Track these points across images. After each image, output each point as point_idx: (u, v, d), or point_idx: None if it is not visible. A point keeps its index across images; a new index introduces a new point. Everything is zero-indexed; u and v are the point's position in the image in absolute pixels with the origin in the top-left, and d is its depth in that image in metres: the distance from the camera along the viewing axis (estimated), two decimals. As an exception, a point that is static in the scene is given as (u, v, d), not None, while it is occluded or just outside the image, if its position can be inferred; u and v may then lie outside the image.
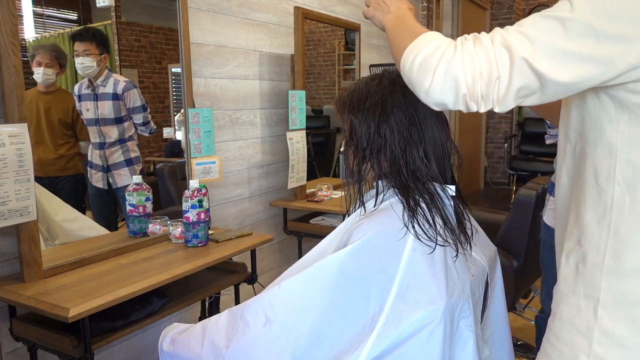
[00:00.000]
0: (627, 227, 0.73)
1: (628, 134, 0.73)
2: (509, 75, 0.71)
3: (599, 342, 0.74)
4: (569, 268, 0.81)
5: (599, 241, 0.76)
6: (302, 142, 2.63)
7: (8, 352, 1.60)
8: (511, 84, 0.71)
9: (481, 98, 0.73)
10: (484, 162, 6.68)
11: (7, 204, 1.40)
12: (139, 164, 2.04)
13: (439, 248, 0.97)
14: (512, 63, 0.70)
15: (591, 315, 0.75)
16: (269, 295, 0.99)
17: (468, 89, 0.73)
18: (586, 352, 0.75)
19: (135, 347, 2.02)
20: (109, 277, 1.54)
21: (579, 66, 0.68)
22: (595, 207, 0.77)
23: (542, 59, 0.69)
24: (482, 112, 0.75)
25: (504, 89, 0.72)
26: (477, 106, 0.74)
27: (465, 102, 0.75)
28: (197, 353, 1.03)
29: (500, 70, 0.71)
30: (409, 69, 0.80)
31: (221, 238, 1.92)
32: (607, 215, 0.75)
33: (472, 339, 0.98)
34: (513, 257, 2.24)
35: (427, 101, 0.79)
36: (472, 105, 0.74)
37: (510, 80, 0.71)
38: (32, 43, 1.74)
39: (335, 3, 3.10)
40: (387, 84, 1.04)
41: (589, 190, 0.78)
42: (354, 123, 1.05)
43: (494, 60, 0.72)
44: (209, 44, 2.25)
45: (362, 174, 1.06)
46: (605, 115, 0.75)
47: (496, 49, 0.72)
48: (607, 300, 0.74)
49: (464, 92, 0.74)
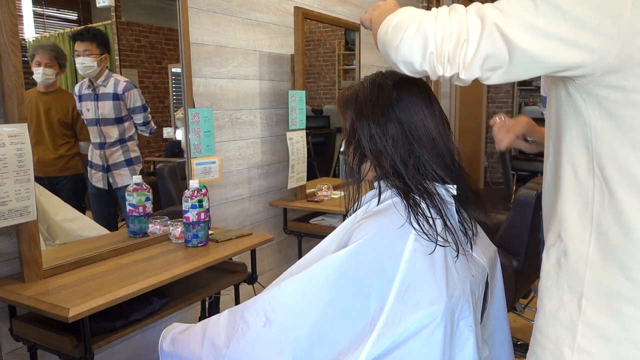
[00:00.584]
0: (609, 220, 0.73)
1: (600, 128, 0.73)
2: (478, 39, 0.71)
3: (583, 335, 0.74)
4: (550, 263, 0.81)
5: (582, 234, 0.76)
6: (302, 142, 2.63)
7: (8, 352, 1.60)
8: (479, 48, 0.71)
9: (447, 60, 0.73)
10: (484, 162, 6.68)
11: (7, 204, 1.40)
12: (139, 164, 2.04)
13: (439, 248, 0.97)
14: (483, 27, 0.71)
15: (575, 308, 0.75)
16: (269, 295, 0.99)
17: (436, 47, 0.73)
18: (570, 346, 0.75)
19: (135, 347, 2.02)
20: (109, 277, 1.54)
21: (546, 43, 0.69)
22: (575, 201, 0.77)
23: (513, 26, 0.69)
24: (447, 76, 0.75)
25: (471, 53, 0.72)
26: (443, 69, 0.74)
27: (432, 62, 0.74)
28: (197, 353, 1.03)
29: (470, 34, 0.72)
30: (384, 33, 0.81)
31: (221, 238, 1.92)
32: (589, 209, 0.75)
33: (472, 339, 0.98)
34: (513, 257, 2.24)
35: (395, 59, 0.79)
36: (438, 67, 0.74)
37: (478, 45, 0.71)
38: (32, 43, 1.74)
39: (335, 3, 3.10)
40: (390, 84, 1.04)
41: (568, 185, 0.78)
42: (355, 122, 1.04)
43: (464, 24, 0.72)
44: (209, 44, 2.25)
45: (362, 173, 1.06)
46: (577, 111, 0.75)
47: (469, 15, 0.73)
48: (591, 292, 0.74)
49: (432, 50, 0.74)
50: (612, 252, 0.73)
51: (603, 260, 0.74)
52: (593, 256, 0.75)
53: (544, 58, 0.70)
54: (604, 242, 0.74)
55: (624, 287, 0.71)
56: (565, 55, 0.69)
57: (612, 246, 0.73)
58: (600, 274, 0.74)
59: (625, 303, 0.71)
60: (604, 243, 0.74)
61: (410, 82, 1.04)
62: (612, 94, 0.70)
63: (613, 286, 0.72)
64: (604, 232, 0.74)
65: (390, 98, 1.02)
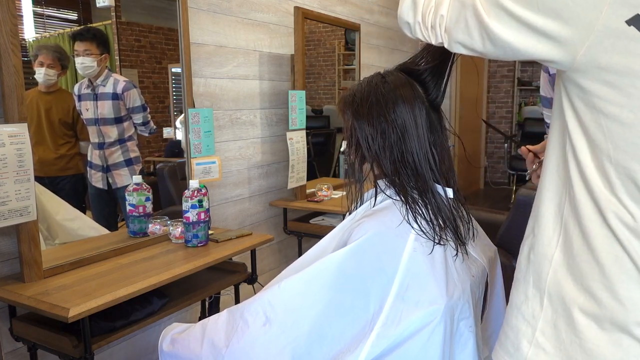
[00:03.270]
0: (573, 223, 0.71)
1: (571, 125, 0.71)
2: (457, 14, 0.75)
3: (542, 332, 0.74)
4: (523, 255, 0.80)
5: (552, 234, 0.75)
6: (302, 142, 2.63)
7: (8, 352, 1.60)
8: (451, 23, 0.76)
9: (430, 29, 0.80)
10: (484, 162, 6.68)
11: (7, 204, 1.40)
12: (138, 164, 2.04)
13: (439, 248, 0.97)
14: (463, 4, 0.74)
15: (537, 304, 0.75)
16: (269, 294, 0.99)
17: (422, 17, 0.81)
18: (529, 339, 0.75)
19: (135, 347, 2.02)
20: (109, 277, 1.54)
21: (518, 31, 0.68)
22: (553, 199, 0.76)
23: (489, 10, 0.70)
24: (435, 44, 0.81)
25: (444, 27, 0.77)
26: (429, 37, 0.81)
27: (420, 30, 0.82)
28: (197, 353, 1.03)
29: (449, 9, 0.77)
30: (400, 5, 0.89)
31: (221, 238, 1.92)
32: (561, 209, 0.74)
33: (472, 340, 0.98)
34: (513, 257, 2.24)
35: (399, 23, 0.87)
36: (425, 34, 0.81)
37: (450, 19, 0.76)
38: (32, 43, 1.74)
39: (335, 3, 3.10)
40: (386, 85, 1.04)
41: (549, 179, 0.77)
42: (355, 123, 1.05)
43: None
44: (209, 44, 2.25)
45: (363, 173, 1.06)
46: (561, 104, 0.74)
47: None
48: (552, 293, 0.73)
49: (419, 19, 0.81)
50: (573, 258, 0.71)
51: (565, 264, 0.72)
52: (557, 258, 0.73)
53: (514, 45, 0.70)
54: (568, 245, 0.72)
55: (578, 295, 0.70)
56: (535, 46, 0.68)
57: (573, 251, 0.71)
58: (561, 277, 0.73)
59: (578, 311, 0.70)
60: (568, 247, 0.72)
61: (406, 83, 1.04)
62: (580, 93, 0.69)
63: (569, 291, 0.71)
64: (569, 235, 0.72)
65: (386, 99, 1.02)
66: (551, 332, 0.73)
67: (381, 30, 3.67)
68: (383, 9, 3.66)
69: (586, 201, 0.70)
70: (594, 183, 0.69)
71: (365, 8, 3.45)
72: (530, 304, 0.76)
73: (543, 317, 0.74)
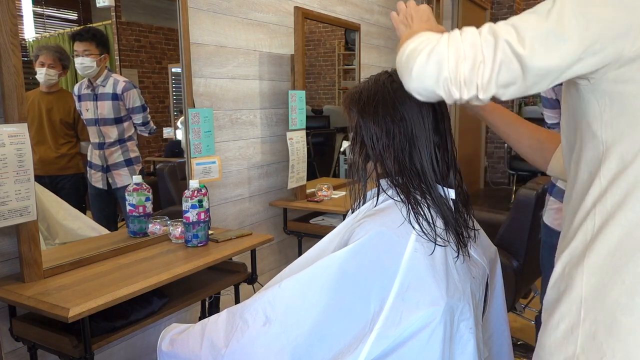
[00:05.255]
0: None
1: (612, 127, 0.73)
2: (493, 58, 0.71)
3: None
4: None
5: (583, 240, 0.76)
6: (302, 142, 2.63)
7: (8, 352, 1.60)
8: (494, 67, 0.71)
9: (464, 83, 0.72)
10: (484, 162, 6.68)
11: (7, 204, 1.40)
12: (138, 164, 2.04)
13: (440, 249, 0.97)
14: (496, 46, 0.70)
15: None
16: (269, 294, 0.99)
17: (450, 72, 0.73)
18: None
19: (135, 347, 2.02)
20: (109, 277, 1.54)
21: (558, 46, 0.68)
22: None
23: (525, 40, 0.69)
24: (465, 99, 0.74)
25: (487, 73, 0.71)
26: (460, 92, 0.73)
27: (447, 86, 0.74)
28: (197, 353, 1.03)
29: (485, 54, 0.71)
30: (400, 58, 0.81)
31: (221, 238, 1.92)
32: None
33: (473, 341, 0.98)
34: (513, 257, 2.24)
35: (409, 86, 0.79)
36: (454, 90, 0.73)
37: (493, 64, 0.71)
38: (32, 43, 1.74)
39: (335, 3, 3.10)
40: (393, 84, 1.03)
41: (581, 188, 0.78)
42: (360, 121, 1.05)
43: (479, 45, 0.71)
44: (209, 44, 2.25)
45: (367, 172, 1.06)
46: (586, 110, 0.76)
47: (482, 35, 0.72)
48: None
49: (445, 75, 0.73)
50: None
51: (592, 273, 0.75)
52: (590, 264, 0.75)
53: (558, 68, 0.70)
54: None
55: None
56: (581, 64, 0.69)
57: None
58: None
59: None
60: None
61: None
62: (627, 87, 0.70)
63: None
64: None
65: (393, 98, 1.02)
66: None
67: (381, 30, 3.67)
68: (383, 9, 3.65)
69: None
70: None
71: (365, 8, 3.45)
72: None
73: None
